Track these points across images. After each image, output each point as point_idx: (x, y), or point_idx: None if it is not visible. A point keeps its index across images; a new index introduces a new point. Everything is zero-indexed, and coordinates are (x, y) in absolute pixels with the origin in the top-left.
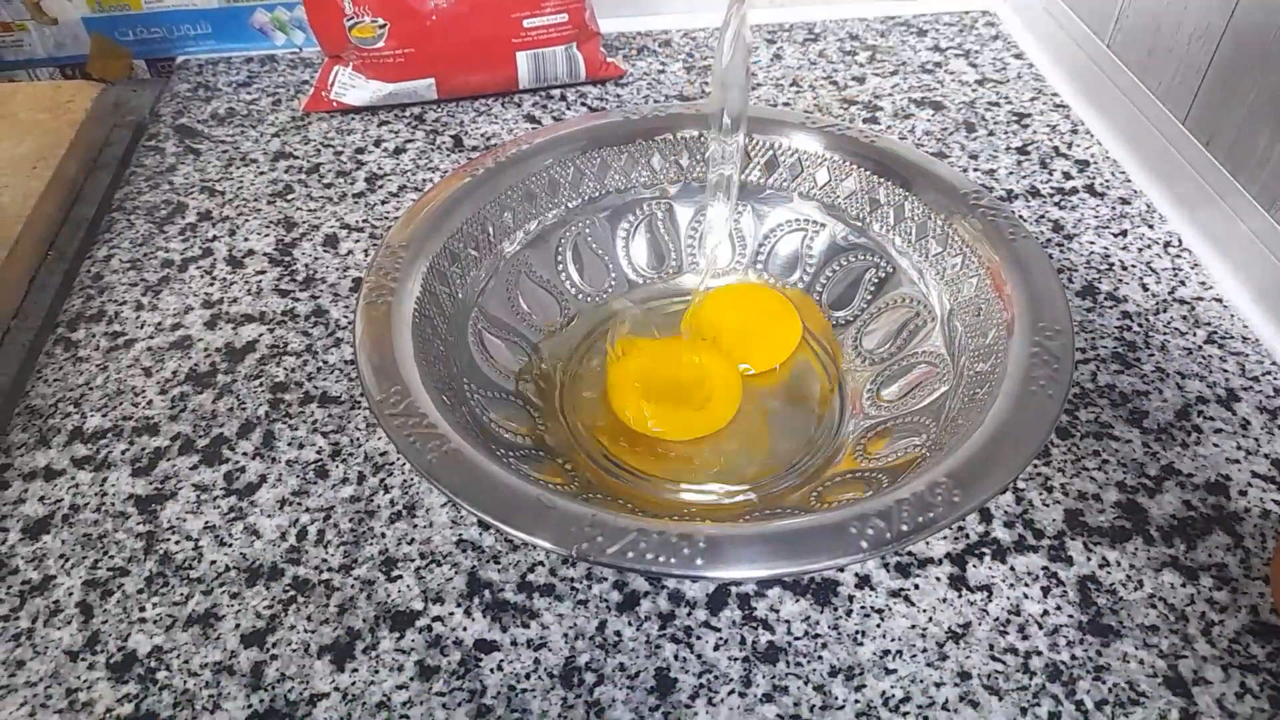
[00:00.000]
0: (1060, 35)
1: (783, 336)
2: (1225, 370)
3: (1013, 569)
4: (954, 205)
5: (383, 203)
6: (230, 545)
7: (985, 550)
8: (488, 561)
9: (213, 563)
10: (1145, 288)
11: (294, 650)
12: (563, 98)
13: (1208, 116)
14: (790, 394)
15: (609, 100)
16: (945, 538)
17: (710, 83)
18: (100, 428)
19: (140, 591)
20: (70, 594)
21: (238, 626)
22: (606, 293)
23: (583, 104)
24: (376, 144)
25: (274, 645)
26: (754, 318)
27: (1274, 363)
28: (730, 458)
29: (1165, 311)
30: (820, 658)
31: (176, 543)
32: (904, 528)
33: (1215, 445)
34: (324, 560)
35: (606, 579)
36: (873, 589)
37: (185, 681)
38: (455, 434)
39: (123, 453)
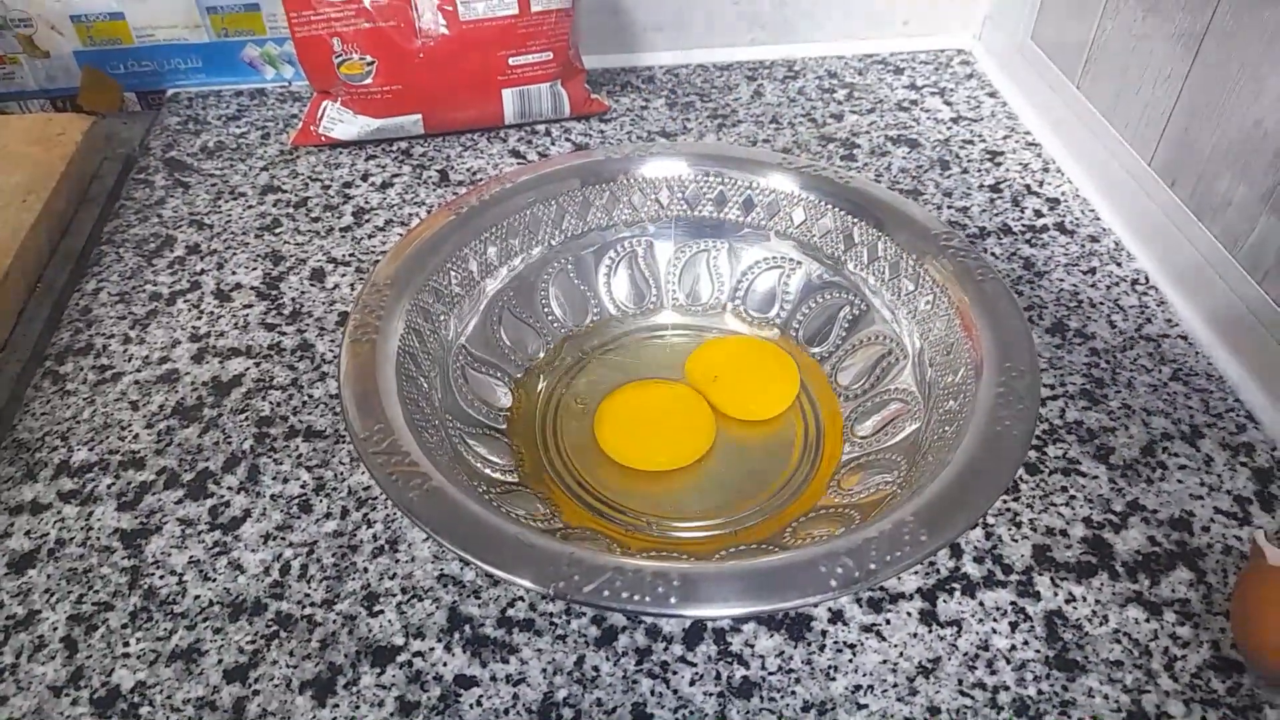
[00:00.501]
0: (1032, 76)
1: (779, 394)
2: (1190, 407)
3: (982, 604)
4: (925, 245)
5: (369, 237)
6: (214, 580)
7: (956, 585)
8: (469, 596)
9: (196, 597)
10: (1113, 324)
11: (276, 686)
12: (548, 133)
13: (1172, 158)
14: (769, 432)
15: (593, 135)
16: (917, 573)
17: None
18: (87, 461)
19: (124, 626)
20: (55, 629)
21: (220, 662)
22: (589, 327)
23: (567, 139)
24: (364, 178)
25: (256, 681)
26: (755, 371)
27: (1237, 399)
28: (708, 494)
29: (1132, 348)
30: (794, 693)
31: (161, 577)
32: (872, 566)
33: (1179, 481)
34: (306, 595)
35: (585, 614)
36: (845, 624)
37: (168, 717)
38: (437, 472)
39: (109, 487)
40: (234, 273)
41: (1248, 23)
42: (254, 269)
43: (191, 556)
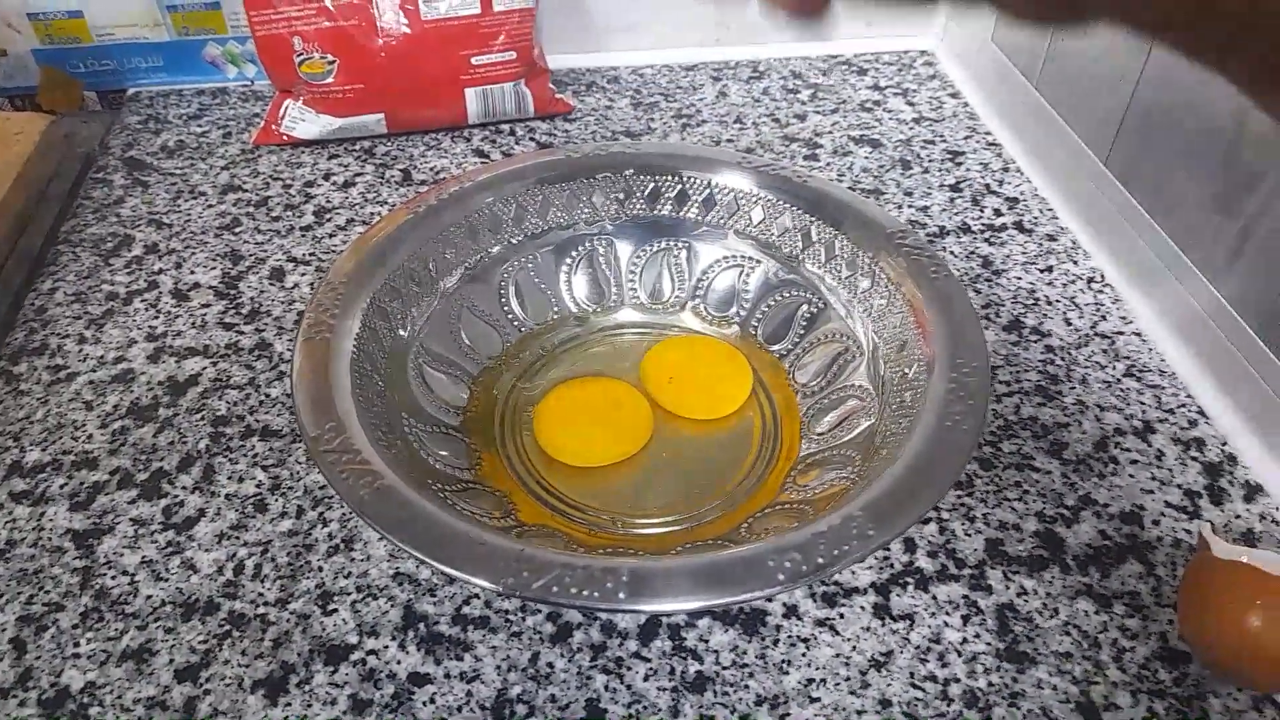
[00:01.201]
0: (993, 76)
1: (732, 392)
2: (1142, 402)
3: (935, 598)
4: (881, 243)
5: (330, 236)
6: (167, 580)
7: (909, 579)
8: (424, 594)
9: (149, 597)
10: (1068, 322)
11: (227, 685)
12: (512, 132)
13: (1127, 158)
14: (728, 429)
15: (557, 135)
16: (871, 567)
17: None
18: (39, 462)
19: (75, 627)
20: (3, 630)
21: (171, 662)
22: (548, 325)
23: (531, 139)
24: (326, 177)
25: (207, 680)
26: (708, 370)
27: (1189, 395)
28: (667, 490)
29: (1087, 345)
30: (747, 687)
31: (113, 578)
32: (820, 560)
33: (1131, 476)
34: (260, 594)
35: (540, 611)
36: (799, 618)
37: (118, 717)
38: (389, 470)
39: (61, 487)
40: (192, 272)
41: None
42: (213, 268)
43: (144, 557)
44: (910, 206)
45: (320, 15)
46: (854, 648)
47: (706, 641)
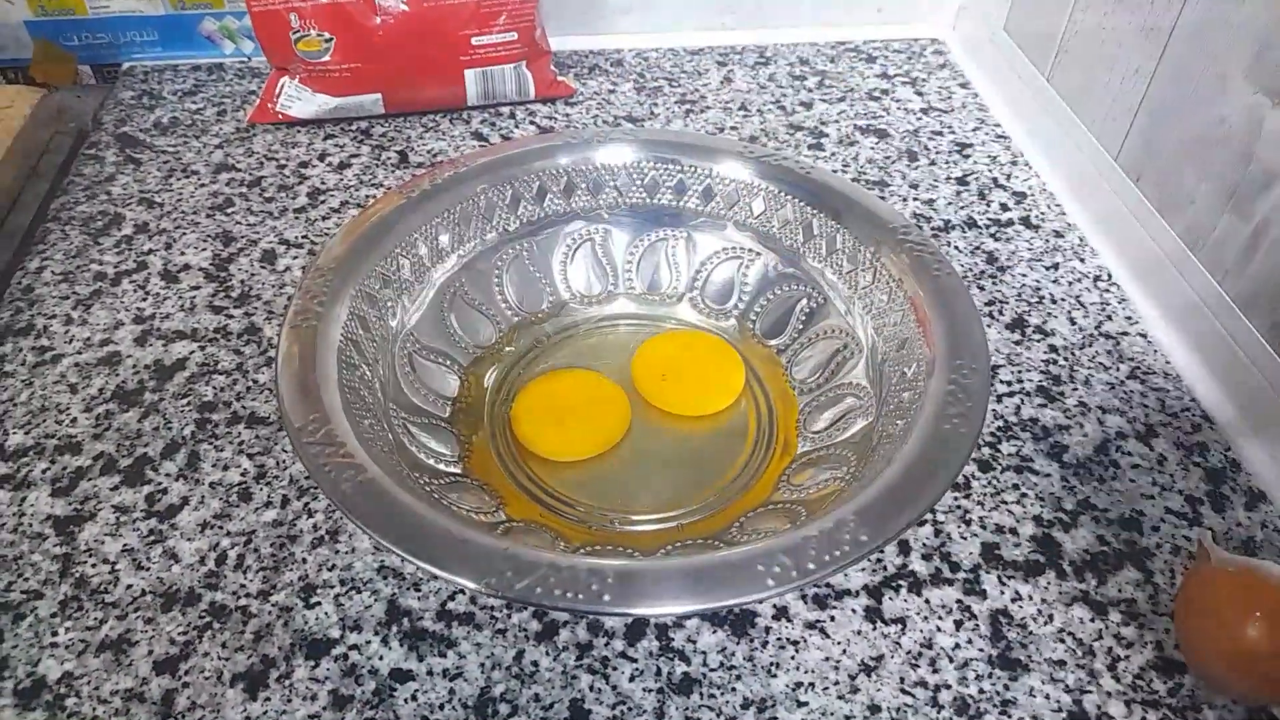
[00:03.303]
0: (1004, 67)
1: (724, 388)
2: (1146, 405)
3: (928, 602)
4: (883, 238)
5: (324, 218)
6: (148, 569)
7: (902, 582)
8: (408, 589)
9: (129, 587)
10: (1073, 321)
11: (206, 678)
12: (511, 115)
13: (1138, 154)
14: (722, 426)
15: (558, 119)
16: (864, 569)
17: None
18: (22, 445)
19: (53, 615)
20: None
21: (150, 653)
22: (542, 315)
23: (531, 122)
24: (321, 158)
25: (186, 673)
26: (700, 364)
27: (1193, 399)
28: (659, 487)
29: (1091, 345)
30: (734, 689)
31: (93, 565)
32: (810, 566)
33: (1132, 480)
34: (242, 586)
35: (527, 608)
36: (789, 620)
37: (94, 709)
38: (373, 463)
39: (43, 472)
40: (183, 253)
41: (1214, 19)
42: (203, 249)
43: (125, 545)
44: (916, 199)
45: None
46: (844, 651)
47: (694, 642)
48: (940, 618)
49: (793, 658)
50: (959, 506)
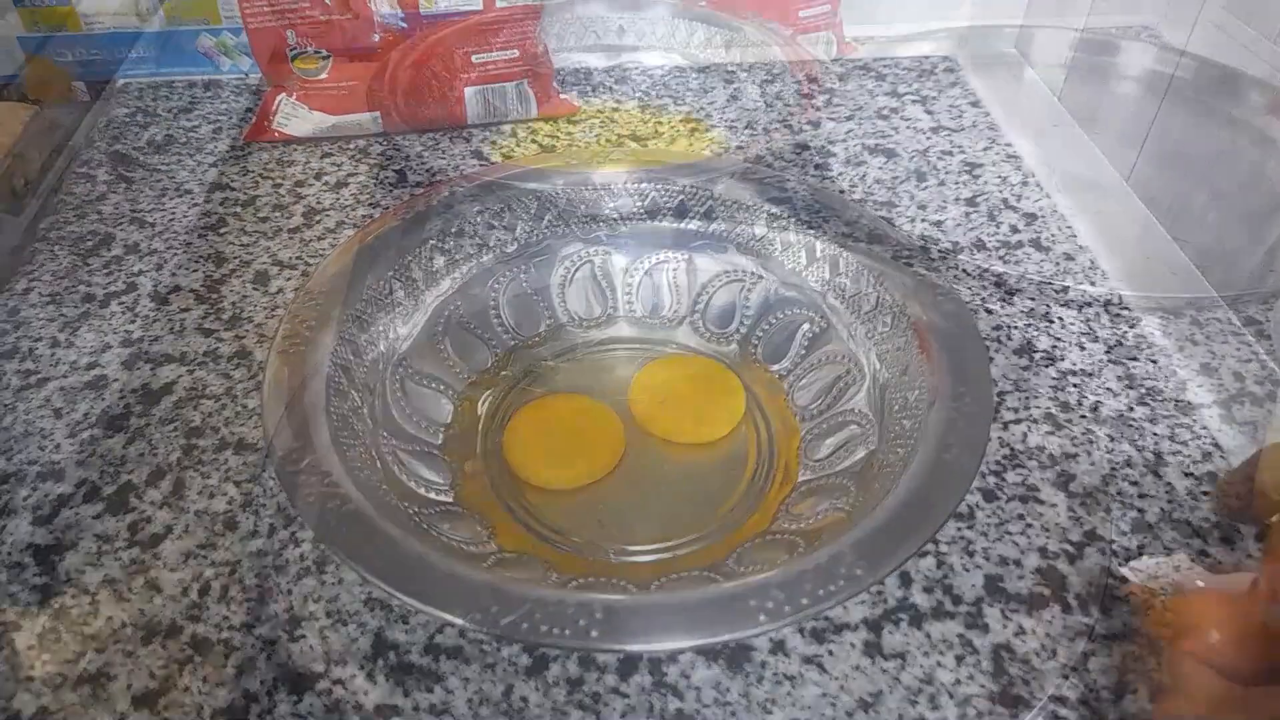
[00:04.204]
0: (1015, 86)
1: (724, 415)
2: (1155, 434)
3: (928, 636)
4: (887, 263)
5: (319, 239)
6: (129, 600)
7: (903, 616)
8: (395, 621)
9: (109, 618)
10: (1082, 347)
11: (186, 713)
12: (513, 134)
13: (1150, 175)
14: (721, 455)
15: (561, 138)
16: (863, 602)
17: None
18: (4, 472)
19: (30, 648)
20: None
21: (130, 687)
22: (539, 338)
23: (533, 141)
24: (317, 177)
25: (166, 708)
26: (700, 390)
27: (1203, 427)
28: (654, 517)
29: (1101, 373)
30: None
31: (73, 596)
32: (804, 601)
33: (1139, 510)
34: (225, 618)
35: (516, 642)
36: (786, 655)
37: None
38: (358, 493)
39: (24, 499)
40: (173, 274)
41: (1227, 36)
42: (195, 270)
43: (106, 575)
44: (924, 220)
45: (315, 8)
46: (842, 687)
47: (688, 677)
48: (941, 652)
49: (789, 694)
50: (962, 537)
